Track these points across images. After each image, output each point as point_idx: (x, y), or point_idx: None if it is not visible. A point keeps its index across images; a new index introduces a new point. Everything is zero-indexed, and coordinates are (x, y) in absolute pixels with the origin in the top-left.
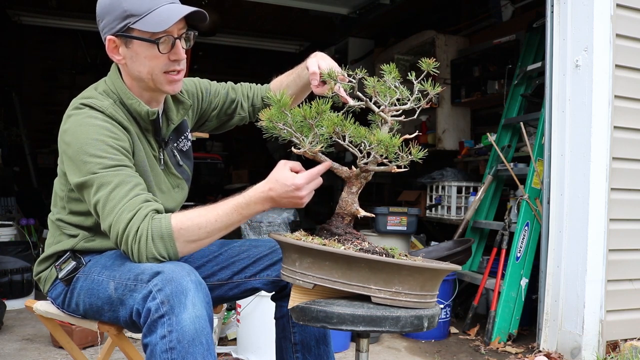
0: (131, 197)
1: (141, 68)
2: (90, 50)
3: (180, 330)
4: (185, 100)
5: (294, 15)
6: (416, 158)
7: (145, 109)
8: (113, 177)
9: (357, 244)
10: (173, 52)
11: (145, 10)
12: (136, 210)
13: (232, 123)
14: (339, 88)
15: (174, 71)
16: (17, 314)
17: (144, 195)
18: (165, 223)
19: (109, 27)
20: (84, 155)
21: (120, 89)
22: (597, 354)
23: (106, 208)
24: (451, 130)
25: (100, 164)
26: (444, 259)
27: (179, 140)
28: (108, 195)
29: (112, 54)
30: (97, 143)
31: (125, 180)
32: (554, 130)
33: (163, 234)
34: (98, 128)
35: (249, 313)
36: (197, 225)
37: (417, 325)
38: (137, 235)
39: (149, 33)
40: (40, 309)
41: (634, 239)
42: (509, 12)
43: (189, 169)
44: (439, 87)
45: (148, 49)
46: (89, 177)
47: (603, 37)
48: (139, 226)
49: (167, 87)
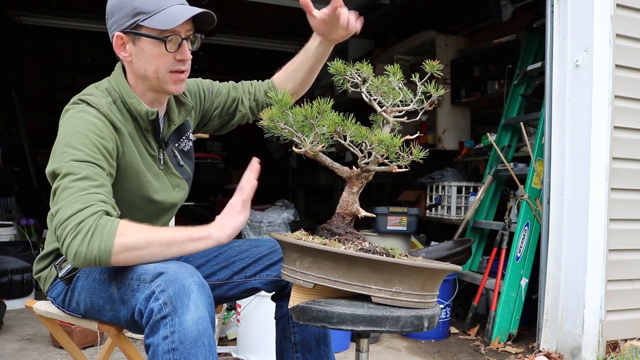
0: (90, 192)
1: (147, 66)
2: (90, 50)
3: (182, 331)
4: (188, 102)
5: (294, 15)
6: (417, 158)
7: (145, 109)
8: (81, 170)
9: (358, 244)
10: (179, 51)
11: (155, 9)
12: (88, 204)
13: (234, 122)
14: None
15: (179, 71)
16: (17, 314)
17: (103, 196)
18: (113, 224)
19: (118, 23)
20: (64, 146)
21: (122, 88)
22: (597, 354)
23: (62, 194)
24: (451, 130)
25: (75, 156)
26: (444, 259)
27: (180, 140)
28: (69, 183)
29: (118, 50)
30: (80, 136)
31: (92, 176)
32: (554, 130)
33: (105, 229)
34: (86, 123)
35: (249, 313)
36: (136, 244)
37: (417, 325)
38: (77, 227)
39: (157, 30)
40: (40, 309)
41: (634, 239)
42: (509, 12)
43: (190, 169)
44: (442, 89)
45: (155, 46)
46: (60, 165)
47: (603, 37)
48: (84, 219)
49: (171, 87)
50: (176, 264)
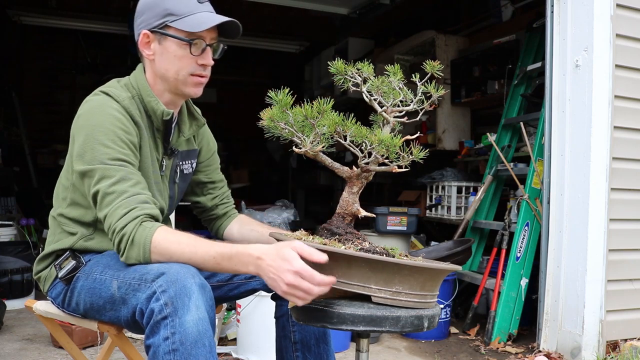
0: (130, 194)
1: (169, 66)
2: (90, 50)
3: (183, 332)
4: (200, 117)
5: (294, 15)
6: (417, 158)
7: (162, 108)
8: (116, 172)
9: (358, 244)
10: (202, 56)
11: (186, 12)
12: (130, 208)
13: (188, 198)
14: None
15: (200, 75)
16: (17, 314)
17: (143, 196)
18: (149, 234)
19: (147, 22)
20: (93, 143)
21: (141, 85)
22: (597, 354)
23: (105, 200)
24: (451, 130)
25: (107, 155)
26: (444, 259)
27: (185, 162)
28: (108, 188)
29: (143, 48)
30: (108, 132)
31: (128, 176)
32: (554, 130)
33: (141, 243)
34: (111, 118)
35: (249, 313)
36: (171, 253)
37: (417, 325)
38: (121, 232)
39: (185, 32)
40: (39, 309)
41: (634, 239)
42: (509, 12)
43: (179, 192)
44: (442, 90)
45: (180, 48)
46: (94, 166)
47: (603, 37)
48: (126, 225)
49: (190, 89)
50: (179, 264)
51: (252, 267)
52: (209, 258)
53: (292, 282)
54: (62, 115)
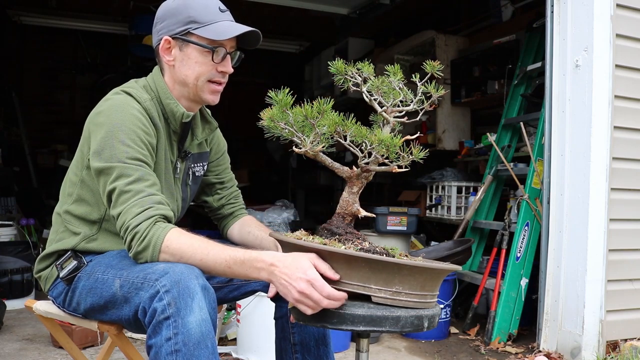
0: (146, 194)
1: (189, 72)
2: (90, 50)
3: (186, 333)
4: (212, 121)
5: (294, 15)
6: (417, 158)
7: (182, 110)
8: (134, 171)
9: (358, 244)
10: (222, 64)
11: (209, 21)
12: (145, 208)
13: (197, 197)
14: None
15: (218, 82)
16: (17, 314)
17: (158, 197)
18: (162, 234)
19: (168, 28)
20: (113, 140)
21: (160, 88)
22: (597, 354)
23: (120, 198)
24: (451, 130)
25: (126, 153)
26: (444, 259)
27: (197, 164)
28: (125, 186)
29: (163, 53)
30: (128, 131)
31: (145, 177)
32: (554, 130)
33: (152, 242)
34: (133, 118)
35: (249, 313)
36: (182, 253)
37: (417, 325)
38: (134, 229)
39: (207, 40)
40: (39, 309)
41: (634, 239)
42: (509, 12)
43: (192, 194)
44: (442, 90)
45: (201, 54)
46: (112, 164)
47: (603, 37)
48: (140, 223)
49: (207, 96)
50: (183, 265)
51: (265, 273)
52: (221, 261)
53: (304, 290)
54: (62, 115)
